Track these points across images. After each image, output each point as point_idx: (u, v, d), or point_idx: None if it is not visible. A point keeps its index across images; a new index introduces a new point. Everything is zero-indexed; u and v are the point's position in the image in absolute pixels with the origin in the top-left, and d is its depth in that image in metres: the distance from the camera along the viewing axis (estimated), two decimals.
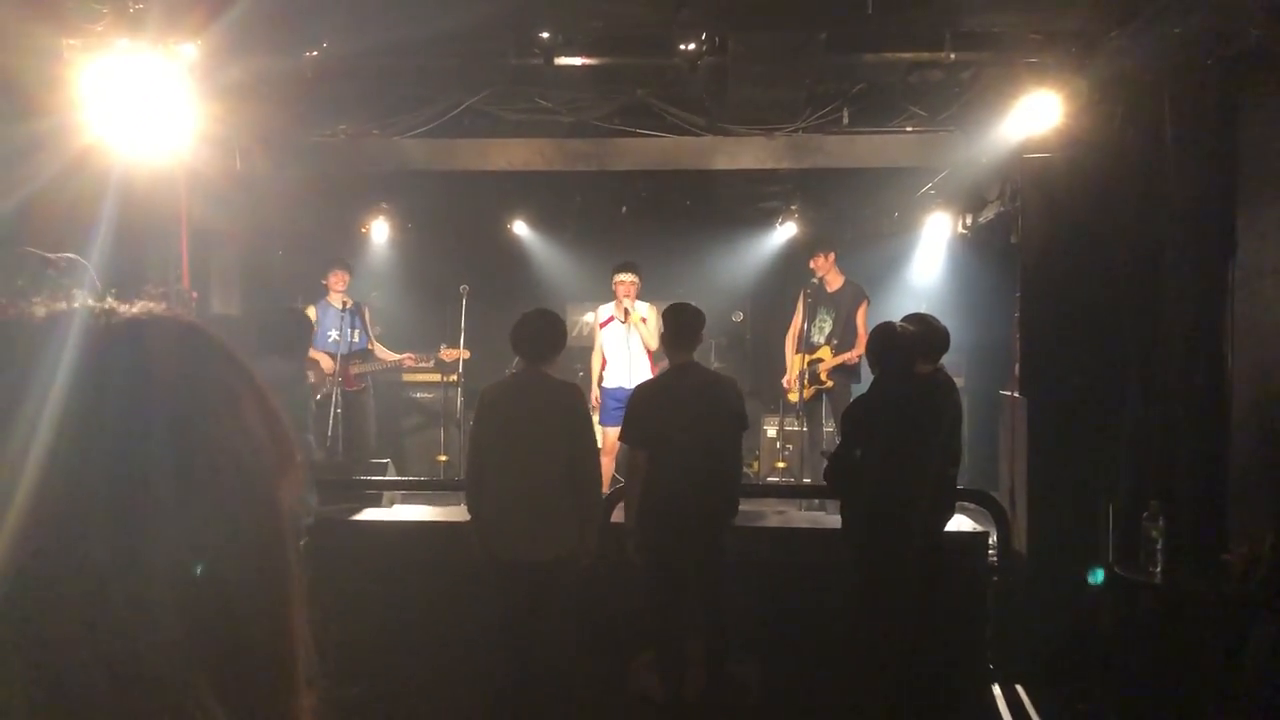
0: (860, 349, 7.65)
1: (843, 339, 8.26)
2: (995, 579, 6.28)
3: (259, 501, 0.74)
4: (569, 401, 5.08)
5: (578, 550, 4.98)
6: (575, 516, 4.98)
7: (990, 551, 6.38)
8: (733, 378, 5.85)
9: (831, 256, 8.52)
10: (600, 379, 8.37)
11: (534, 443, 4.97)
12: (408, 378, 10.29)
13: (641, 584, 5.40)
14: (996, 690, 5.89)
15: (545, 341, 5.17)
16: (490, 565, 5.06)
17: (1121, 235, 5.80)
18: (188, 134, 5.77)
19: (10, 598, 0.62)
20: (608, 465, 8.09)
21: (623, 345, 8.17)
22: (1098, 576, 5.70)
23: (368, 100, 7.06)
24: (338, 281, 8.52)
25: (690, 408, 5.31)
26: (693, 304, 5.63)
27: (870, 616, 5.25)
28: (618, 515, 6.10)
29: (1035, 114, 5.99)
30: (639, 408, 5.46)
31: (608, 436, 8.17)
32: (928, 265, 10.43)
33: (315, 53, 5.77)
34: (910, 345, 5.34)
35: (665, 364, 6.02)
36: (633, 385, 7.84)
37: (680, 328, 5.49)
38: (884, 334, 5.42)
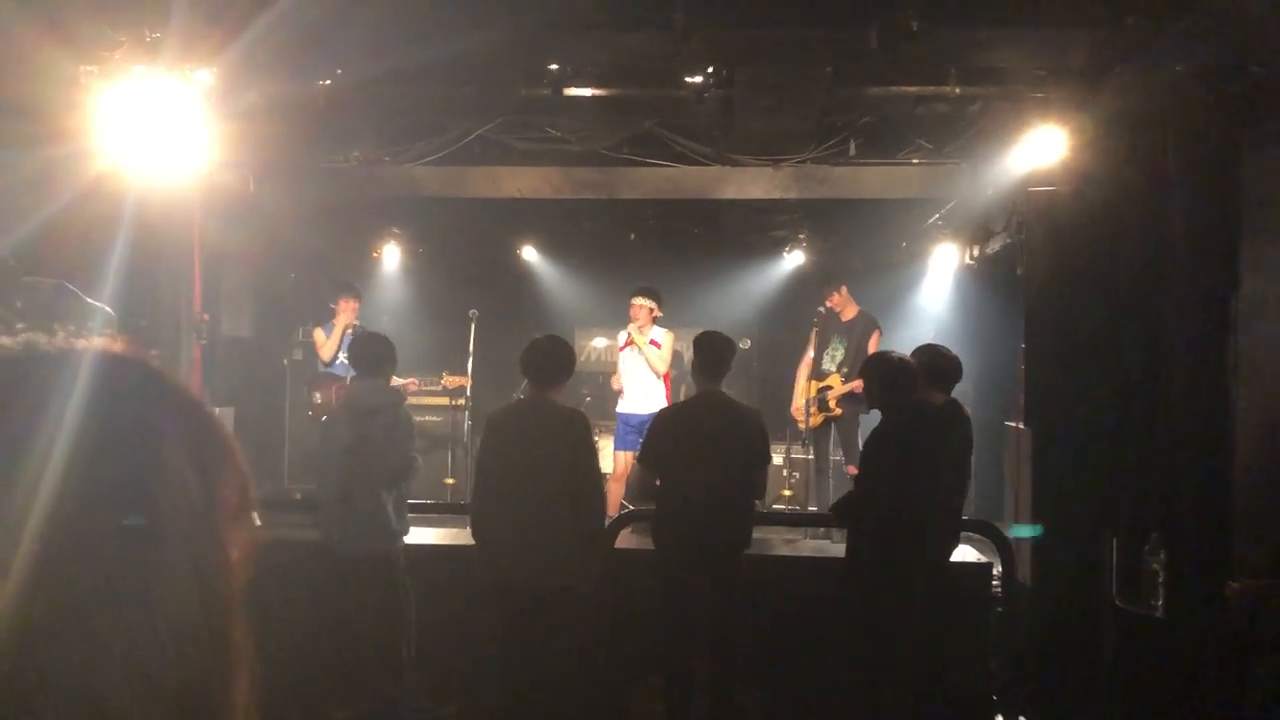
0: None
1: (853, 367, 8.26)
2: (999, 609, 6.28)
3: (195, 546, 0.73)
4: (572, 428, 5.09)
5: (581, 577, 4.99)
6: (579, 545, 4.98)
7: (994, 582, 6.39)
8: (757, 410, 5.83)
9: (845, 290, 8.54)
10: (616, 403, 8.38)
11: (537, 469, 4.98)
12: (414, 401, 10.31)
13: (651, 609, 5.39)
14: None
15: (554, 367, 5.20)
16: (495, 590, 5.07)
17: (1125, 268, 5.83)
18: (202, 158, 5.84)
19: None
20: (618, 491, 8.09)
21: (637, 370, 8.18)
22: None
23: (380, 127, 7.15)
24: (348, 308, 8.57)
25: (710, 436, 5.30)
26: (721, 333, 5.64)
27: (875, 647, 5.26)
28: (624, 540, 6.13)
29: (1040, 148, 6.04)
30: (659, 431, 5.47)
31: (619, 462, 8.17)
32: (934, 295, 10.46)
33: (328, 80, 5.86)
34: (902, 373, 5.35)
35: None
36: (647, 411, 7.90)
37: (708, 355, 5.50)
38: (876, 364, 5.48)
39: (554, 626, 5.00)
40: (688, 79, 5.88)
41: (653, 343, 8.22)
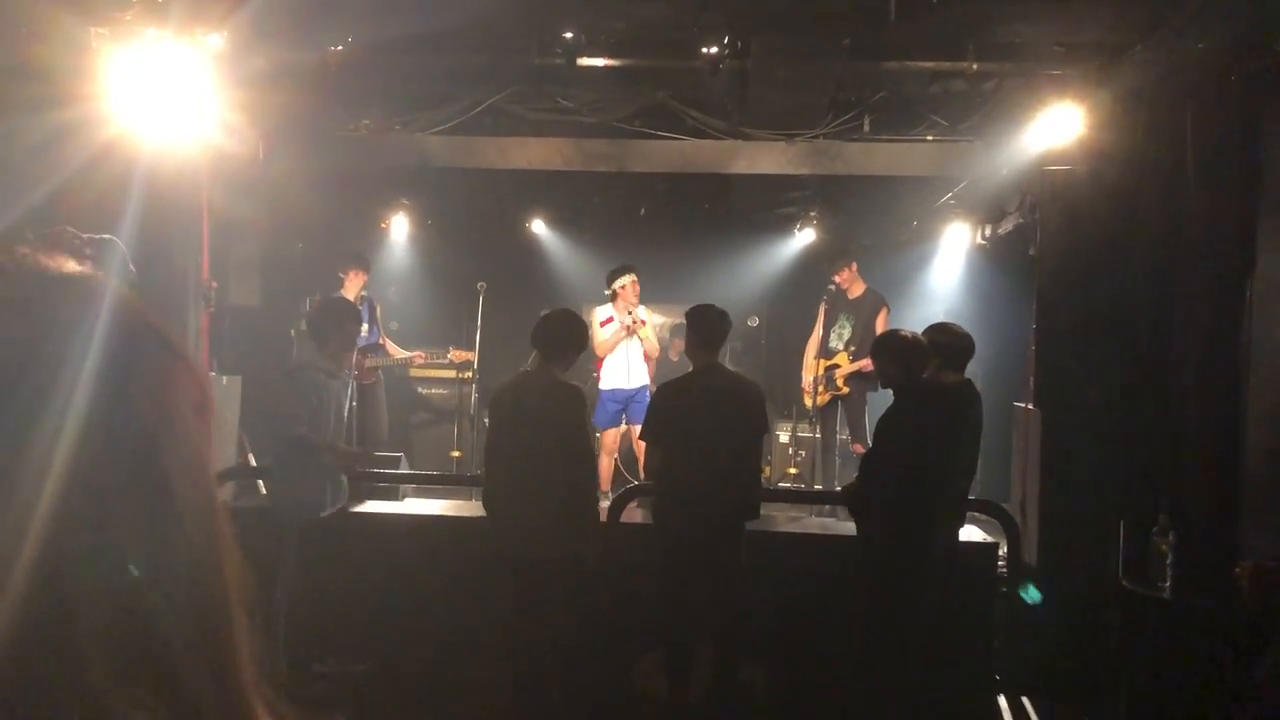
0: None
1: (861, 346, 8.25)
2: (1004, 590, 6.27)
3: (202, 500, 0.74)
4: (563, 402, 5.13)
5: (578, 547, 5.03)
6: (574, 516, 5.03)
7: (999, 562, 6.38)
8: (755, 382, 5.83)
9: (854, 266, 8.52)
10: (598, 379, 8.38)
11: (533, 441, 5.04)
12: (422, 373, 10.32)
13: (653, 583, 5.41)
14: (1002, 702, 5.88)
15: (564, 341, 5.22)
16: (497, 561, 5.16)
17: (1140, 249, 5.78)
18: (211, 124, 5.81)
19: None
20: (609, 465, 8.13)
21: (621, 347, 8.17)
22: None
23: (390, 95, 7.10)
24: (356, 280, 8.56)
25: (712, 409, 5.31)
26: (716, 305, 5.63)
27: (882, 626, 5.26)
28: (625, 515, 6.13)
29: (1056, 126, 5.99)
30: (662, 406, 5.49)
31: (605, 438, 8.20)
32: (945, 275, 10.42)
33: (339, 46, 5.82)
34: (914, 351, 5.33)
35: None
36: (631, 386, 7.91)
37: (705, 329, 5.49)
38: (887, 342, 5.48)
39: (554, 596, 5.05)
40: (703, 49, 5.83)
41: (639, 320, 8.22)
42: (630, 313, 8.10)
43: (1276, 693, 4.34)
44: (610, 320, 8.20)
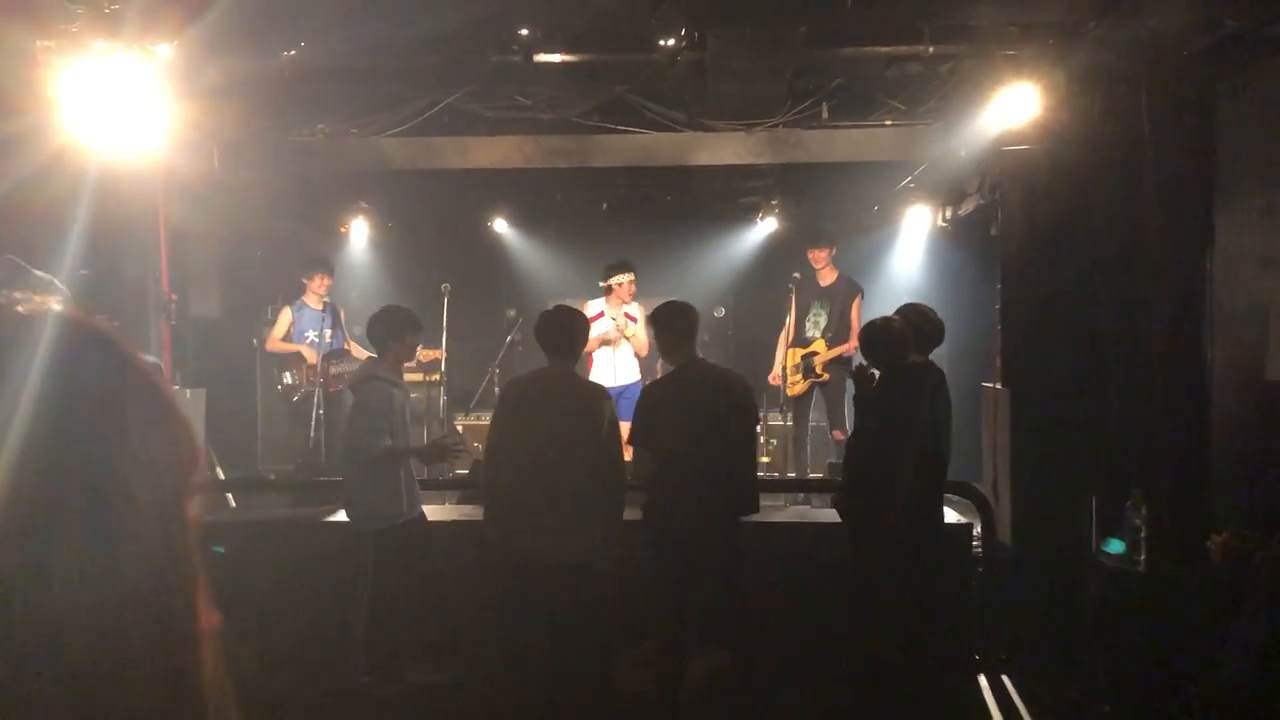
0: (855, 342, 7.65)
1: (837, 333, 8.25)
2: (980, 569, 6.32)
3: (172, 504, 0.73)
4: (599, 404, 5.03)
5: (601, 552, 4.91)
6: (600, 520, 4.92)
7: (974, 542, 6.43)
8: (740, 373, 5.78)
9: (832, 250, 8.49)
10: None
11: (564, 444, 4.89)
12: None
13: (647, 579, 5.32)
14: (982, 680, 5.92)
15: (574, 338, 5.16)
16: (507, 563, 5.03)
17: (1100, 226, 5.83)
18: (165, 135, 5.72)
19: None
20: None
21: (609, 345, 8.14)
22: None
23: (346, 100, 7.02)
24: (320, 285, 8.47)
25: (703, 405, 5.19)
26: (679, 300, 5.58)
27: (861, 605, 5.30)
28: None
29: (1014, 107, 6.01)
30: (649, 408, 5.32)
31: None
32: (908, 258, 10.48)
33: (293, 52, 5.74)
34: (902, 337, 5.42)
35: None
36: (618, 384, 7.86)
37: (674, 325, 5.40)
38: (876, 329, 5.51)
39: (569, 601, 4.91)
40: (660, 42, 5.81)
41: (629, 316, 8.19)
42: (621, 314, 8.05)
43: (1248, 660, 4.40)
44: (600, 316, 8.13)
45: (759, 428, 9.38)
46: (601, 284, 8.25)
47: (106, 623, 0.66)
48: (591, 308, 8.18)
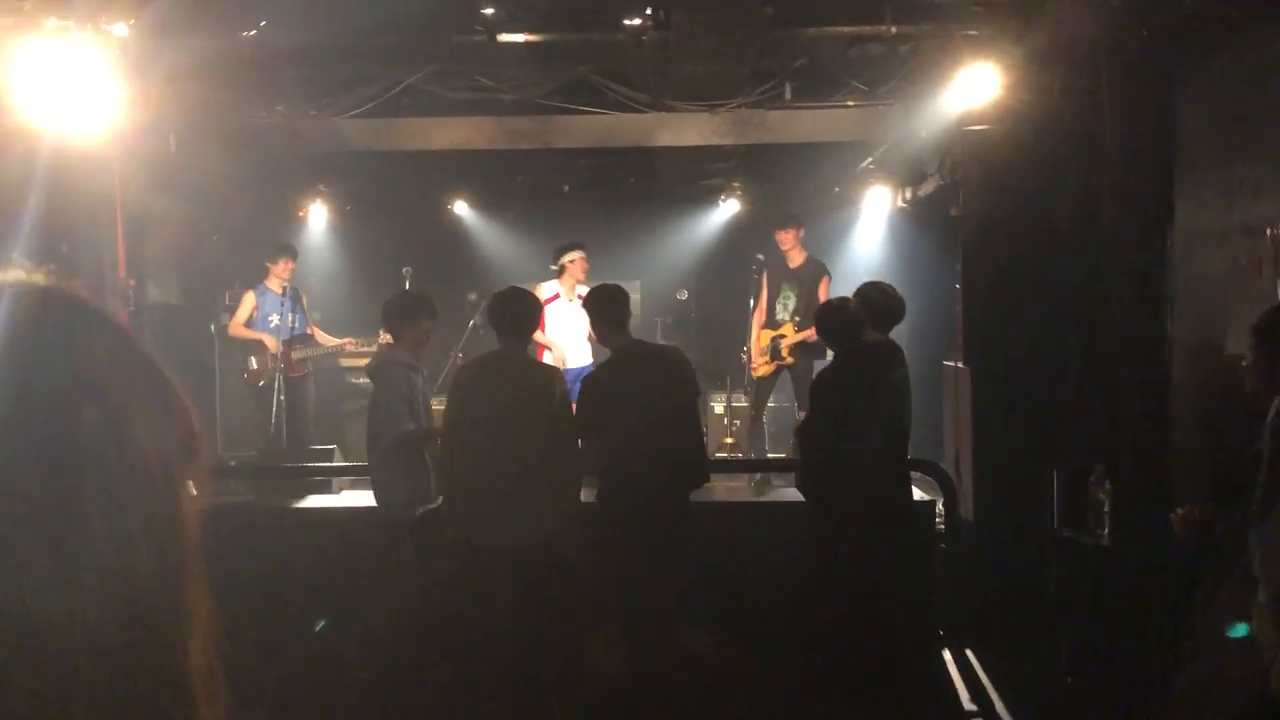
0: None
1: (805, 315, 8.24)
2: (943, 545, 6.38)
3: (161, 490, 0.71)
4: (552, 385, 5.03)
5: (559, 533, 4.92)
6: (556, 501, 4.92)
7: (937, 519, 6.49)
8: (676, 345, 5.79)
9: (800, 231, 8.44)
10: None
11: (518, 425, 4.88)
12: (351, 362, 10.14)
13: (601, 562, 5.33)
14: (946, 654, 6.00)
15: (526, 319, 5.13)
16: (467, 551, 5.00)
17: (1061, 204, 5.89)
18: (120, 117, 5.61)
19: None
20: None
21: (569, 326, 8.07)
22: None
23: (305, 81, 6.92)
24: (284, 269, 8.34)
25: (642, 384, 5.19)
26: (610, 283, 5.52)
27: (823, 579, 5.35)
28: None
29: (974, 86, 6.04)
30: (591, 397, 5.26)
31: None
32: (868, 239, 10.54)
33: (253, 32, 5.65)
34: (857, 317, 5.47)
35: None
36: (572, 367, 7.83)
37: (607, 309, 5.36)
38: (831, 309, 5.56)
39: (529, 582, 4.93)
40: (625, 22, 5.78)
41: (581, 298, 8.13)
42: (576, 297, 8.00)
43: (1209, 631, 4.48)
44: (556, 297, 8.07)
45: (722, 410, 9.49)
46: (553, 265, 8.20)
47: (76, 618, 0.64)
48: (545, 290, 8.10)
